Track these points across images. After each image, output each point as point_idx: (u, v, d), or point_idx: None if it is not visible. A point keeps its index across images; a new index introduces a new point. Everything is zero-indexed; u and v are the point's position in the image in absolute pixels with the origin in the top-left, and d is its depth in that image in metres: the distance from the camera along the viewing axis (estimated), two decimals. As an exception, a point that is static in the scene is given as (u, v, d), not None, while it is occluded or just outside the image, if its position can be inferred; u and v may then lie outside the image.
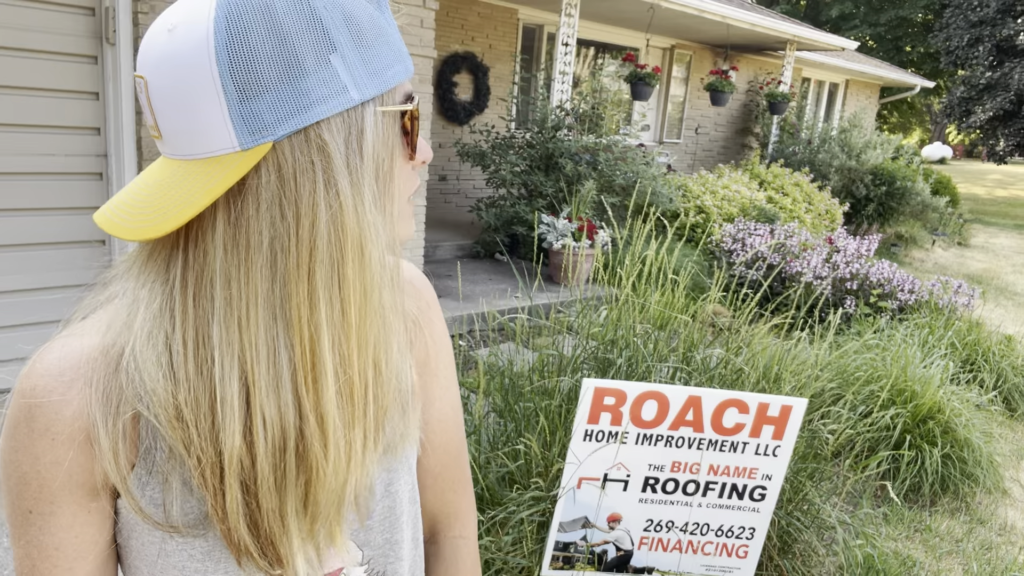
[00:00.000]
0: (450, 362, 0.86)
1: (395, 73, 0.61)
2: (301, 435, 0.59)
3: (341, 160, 0.56)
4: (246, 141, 0.54)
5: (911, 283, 5.67)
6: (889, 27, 22.87)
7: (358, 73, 0.57)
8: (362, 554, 0.74)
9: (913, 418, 3.52)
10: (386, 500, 0.74)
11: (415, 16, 4.46)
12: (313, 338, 0.57)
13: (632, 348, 2.57)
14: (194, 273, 0.56)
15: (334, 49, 0.56)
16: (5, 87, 3.09)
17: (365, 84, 0.57)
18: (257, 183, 0.55)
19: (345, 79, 0.56)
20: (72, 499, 0.60)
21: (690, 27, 9.20)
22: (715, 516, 2.36)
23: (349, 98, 0.56)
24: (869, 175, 10.15)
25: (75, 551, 0.62)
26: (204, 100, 0.53)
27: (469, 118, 8.20)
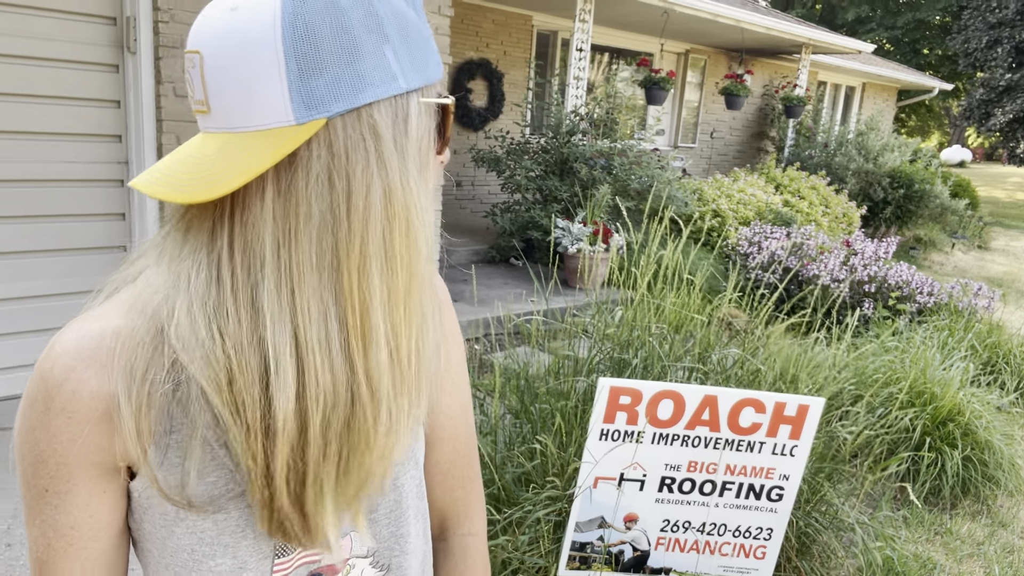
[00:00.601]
0: (461, 360, 0.88)
1: (433, 71, 0.65)
2: (353, 399, 0.60)
3: (391, 140, 0.60)
4: (302, 116, 0.57)
5: (930, 285, 5.62)
6: (906, 30, 22.72)
7: (405, 64, 0.61)
8: (367, 547, 0.74)
9: (933, 420, 3.49)
10: (392, 494, 0.74)
11: (430, 23, 4.49)
12: (365, 304, 0.59)
13: (648, 348, 2.57)
14: (241, 242, 0.58)
15: (387, 40, 0.60)
16: (29, 95, 3.15)
17: (410, 75, 0.62)
18: (308, 156, 0.57)
19: (395, 68, 0.60)
20: (88, 478, 0.61)
21: (704, 31, 9.20)
22: (732, 516, 2.36)
23: (398, 85, 0.60)
24: (887, 178, 10.08)
25: (90, 530, 0.63)
26: (265, 75, 0.56)
27: (484, 124, 8.24)
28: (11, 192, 3.16)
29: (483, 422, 2.56)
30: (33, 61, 3.13)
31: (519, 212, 6.57)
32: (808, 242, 6.43)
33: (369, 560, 0.75)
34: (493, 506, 2.28)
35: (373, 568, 0.75)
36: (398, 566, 0.77)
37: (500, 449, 2.40)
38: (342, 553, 0.72)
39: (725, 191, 7.98)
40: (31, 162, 3.19)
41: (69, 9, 3.20)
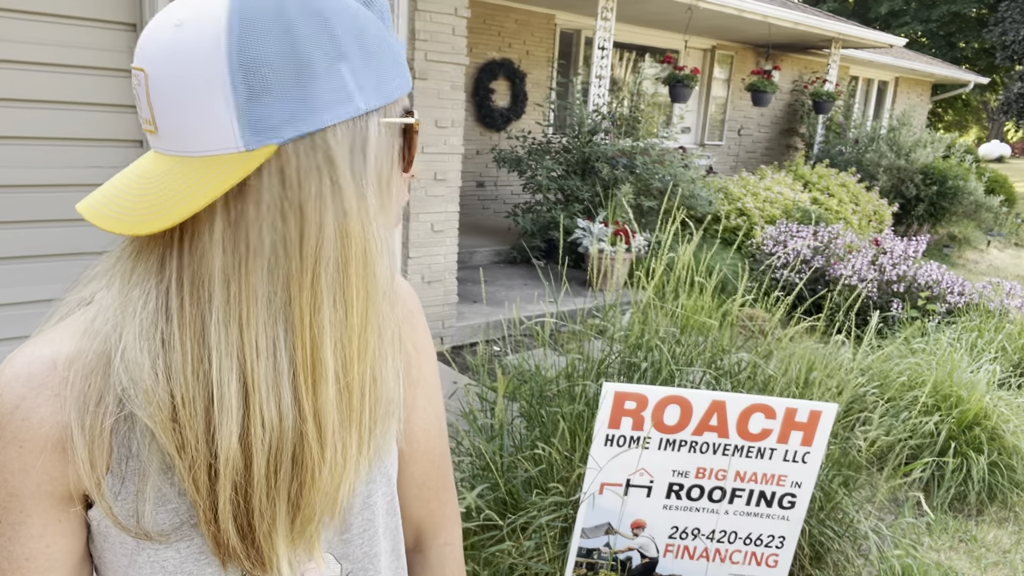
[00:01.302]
0: (433, 371, 0.86)
1: (397, 86, 0.61)
2: (300, 437, 0.58)
3: (346, 167, 0.57)
4: (250, 142, 0.53)
5: (960, 285, 5.48)
6: (941, 23, 22.22)
7: (364, 83, 0.57)
8: (341, 567, 0.73)
9: (958, 424, 3.40)
10: (365, 512, 0.73)
11: (446, 24, 4.49)
12: (316, 341, 0.57)
13: (657, 352, 2.53)
14: (190, 272, 0.56)
15: (343, 58, 0.56)
16: (50, 101, 3.20)
17: (370, 94, 0.58)
18: (259, 185, 0.54)
19: (352, 88, 0.56)
20: (42, 508, 0.60)
21: (730, 27, 9.08)
22: (743, 524, 2.31)
23: (355, 107, 0.57)
24: (919, 174, 9.86)
25: (47, 561, 0.61)
26: (210, 97, 0.53)
27: (506, 124, 8.22)
28: (34, 196, 3.22)
29: (490, 425, 2.55)
30: (53, 68, 3.19)
31: (540, 212, 6.54)
32: (835, 241, 6.31)
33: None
34: (498, 511, 2.26)
35: None
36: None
37: (507, 453, 2.39)
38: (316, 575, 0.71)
39: (751, 189, 7.87)
40: (51, 168, 3.25)
41: (88, 16, 3.25)
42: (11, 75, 3.09)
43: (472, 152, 7.99)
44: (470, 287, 5.72)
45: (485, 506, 2.22)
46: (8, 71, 3.08)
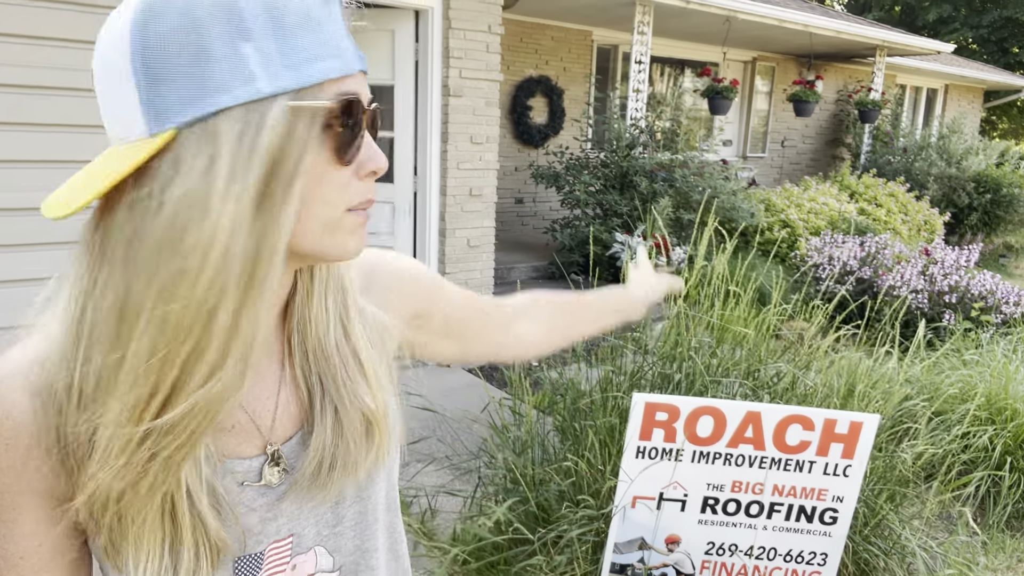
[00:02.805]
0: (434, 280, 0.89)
1: (323, 68, 0.57)
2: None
3: (229, 152, 0.53)
4: (153, 127, 0.53)
5: (1017, 295, 5.27)
6: (993, 28, 21.62)
7: (272, 63, 0.54)
8: (333, 560, 0.73)
9: (1015, 438, 3.25)
10: (357, 505, 0.73)
11: (480, 41, 4.53)
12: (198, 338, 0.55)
13: (691, 363, 2.48)
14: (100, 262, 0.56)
15: (248, 37, 0.53)
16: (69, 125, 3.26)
17: (279, 76, 0.54)
18: (156, 172, 0.53)
19: (255, 68, 0.53)
20: (34, 506, 0.60)
21: (771, 38, 8.97)
22: (783, 540, 2.24)
23: (255, 89, 0.53)
24: (971, 183, 9.56)
25: (40, 560, 0.61)
26: (122, 84, 0.53)
27: (544, 140, 8.24)
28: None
29: (518, 438, 2.52)
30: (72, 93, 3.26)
31: (578, 228, 6.51)
32: (884, 251, 6.14)
33: (335, 574, 0.73)
34: (529, 525, 2.23)
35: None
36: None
37: (537, 465, 2.35)
38: (306, 568, 0.71)
39: (795, 200, 7.72)
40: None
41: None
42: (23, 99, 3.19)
43: (510, 169, 8.01)
44: (508, 303, 5.70)
45: (516, 519, 2.19)
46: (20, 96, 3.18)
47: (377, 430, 0.70)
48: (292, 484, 0.67)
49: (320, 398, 0.69)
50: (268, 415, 0.68)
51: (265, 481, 0.66)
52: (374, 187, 0.65)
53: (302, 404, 0.70)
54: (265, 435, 0.67)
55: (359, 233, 0.64)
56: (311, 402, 0.69)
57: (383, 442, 0.71)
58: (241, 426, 0.66)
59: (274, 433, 0.68)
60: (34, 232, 3.10)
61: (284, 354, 0.70)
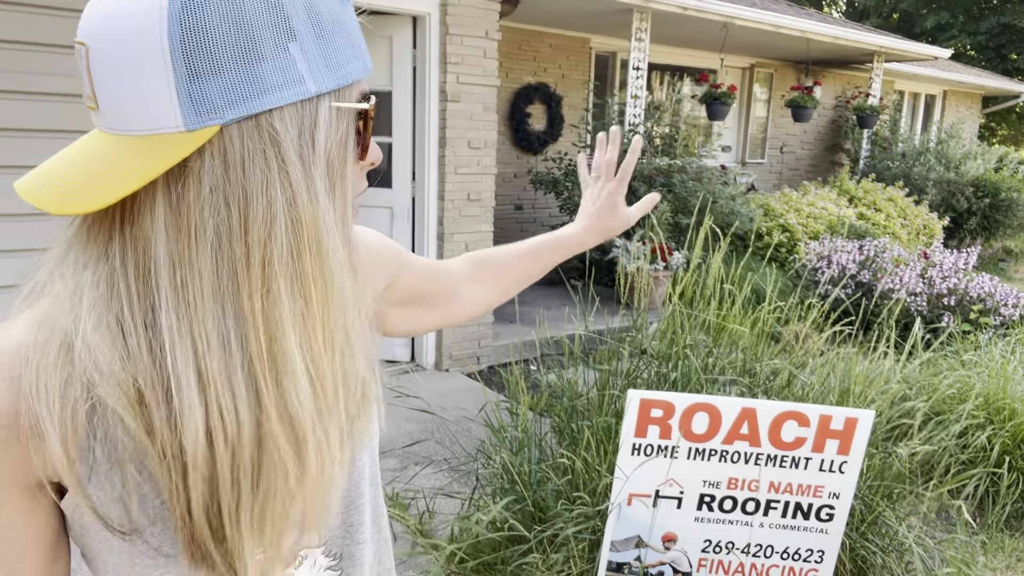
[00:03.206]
0: (400, 249, 0.93)
1: (353, 69, 0.59)
2: (264, 437, 0.55)
3: (294, 151, 0.54)
4: (192, 122, 0.52)
5: (1015, 297, 5.28)
6: (991, 35, 21.68)
7: (316, 65, 0.55)
8: (319, 535, 0.73)
9: (1013, 438, 3.25)
10: (343, 482, 0.72)
11: (477, 47, 4.55)
12: (272, 331, 0.54)
13: (686, 361, 2.48)
14: (134, 256, 0.54)
15: (294, 37, 0.54)
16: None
17: (323, 77, 0.56)
18: (200, 167, 0.52)
19: (302, 69, 0.54)
20: (12, 496, 0.58)
21: (768, 44, 9.00)
22: (779, 537, 2.24)
23: (305, 89, 0.54)
24: (970, 187, 9.57)
25: (17, 550, 0.60)
26: (150, 74, 0.51)
27: (543, 147, 8.26)
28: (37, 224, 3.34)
29: (515, 438, 2.52)
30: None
31: (577, 233, 6.52)
32: (883, 255, 6.15)
33: (321, 550, 0.73)
34: (524, 524, 2.23)
35: (326, 557, 0.74)
36: (350, 555, 0.75)
37: (533, 463, 2.36)
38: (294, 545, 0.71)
39: (794, 205, 7.73)
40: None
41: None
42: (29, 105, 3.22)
43: (509, 175, 8.03)
44: (507, 308, 5.71)
45: (512, 518, 2.19)
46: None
47: (366, 399, 0.69)
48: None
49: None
50: None
51: None
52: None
53: None
54: None
55: (354, 225, 0.68)
56: None
57: (370, 409, 0.70)
58: None
59: None
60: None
61: None
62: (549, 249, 1.13)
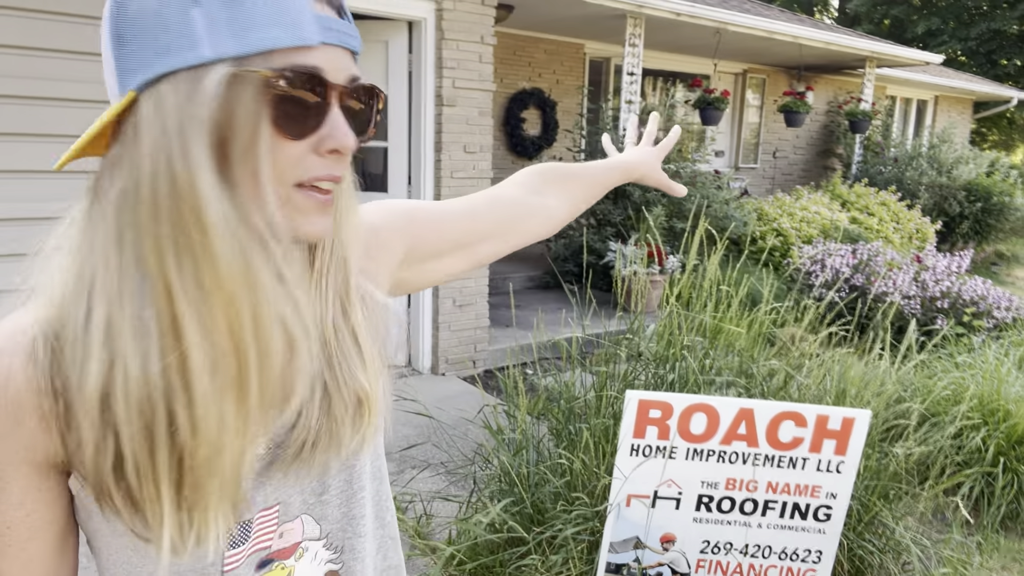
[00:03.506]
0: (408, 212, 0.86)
1: (267, 37, 0.55)
2: (168, 396, 0.56)
3: (175, 116, 0.54)
4: (122, 89, 0.56)
5: (1008, 300, 5.31)
6: (981, 40, 21.84)
7: (219, 30, 0.54)
8: (320, 528, 0.73)
9: (1007, 439, 3.27)
10: (342, 474, 0.73)
11: (473, 52, 4.57)
12: (169, 291, 0.55)
13: (684, 363, 2.49)
14: (84, 214, 0.59)
15: (198, 2, 0.54)
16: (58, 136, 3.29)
17: (223, 42, 0.54)
18: (121, 131, 0.57)
19: (200, 33, 0.54)
20: (21, 475, 0.59)
21: (761, 49, 9.05)
22: (777, 537, 2.24)
23: (199, 54, 0.54)
24: (962, 191, 9.63)
25: (28, 530, 0.61)
26: (105, 43, 0.58)
27: (538, 152, 8.28)
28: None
29: (514, 440, 2.53)
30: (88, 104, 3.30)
31: (572, 237, 6.55)
32: (876, 258, 6.18)
33: (322, 542, 0.73)
34: (523, 525, 2.23)
35: (327, 550, 0.74)
36: (351, 548, 0.75)
37: (531, 465, 2.36)
38: (293, 536, 0.71)
39: (787, 209, 7.77)
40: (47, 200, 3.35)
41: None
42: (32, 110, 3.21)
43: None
44: (503, 312, 5.72)
45: (511, 519, 2.19)
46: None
47: (368, 410, 0.70)
48: (276, 457, 0.67)
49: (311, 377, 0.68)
50: None
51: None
52: (342, 167, 0.62)
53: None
54: None
55: (313, 216, 0.61)
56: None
57: (372, 422, 0.71)
58: None
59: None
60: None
61: None
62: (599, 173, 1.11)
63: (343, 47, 0.60)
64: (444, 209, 0.90)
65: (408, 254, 0.84)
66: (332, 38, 0.59)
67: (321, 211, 0.61)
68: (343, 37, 0.60)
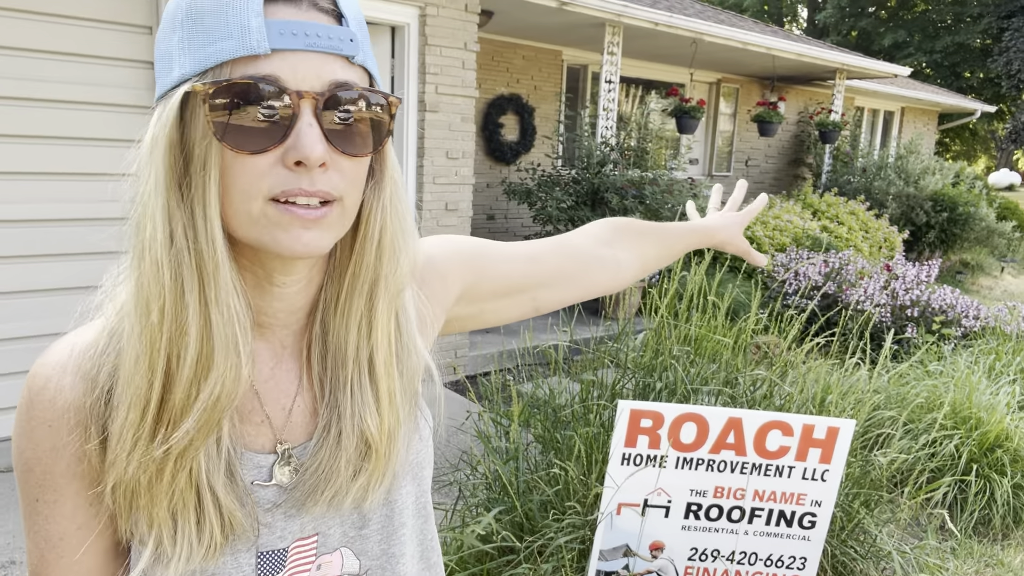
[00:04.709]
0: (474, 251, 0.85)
1: (217, 50, 0.55)
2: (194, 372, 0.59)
3: (148, 140, 0.58)
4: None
5: (976, 308, 5.44)
6: (946, 53, 22.40)
7: (184, 50, 0.57)
8: (359, 563, 0.72)
9: (980, 446, 3.35)
10: (383, 509, 0.72)
11: (456, 58, 4.58)
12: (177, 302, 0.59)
13: (672, 372, 2.52)
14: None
15: (177, 27, 0.58)
16: (86, 139, 3.26)
17: (185, 62, 0.56)
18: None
19: (175, 56, 0.58)
20: (74, 488, 0.60)
21: (735, 60, 9.19)
22: (763, 545, 2.28)
23: (172, 76, 0.58)
24: (929, 201, 9.86)
25: (79, 542, 0.62)
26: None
27: (516, 158, 8.30)
28: (41, 231, 3.28)
29: (504, 448, 2.54)
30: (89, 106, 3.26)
31: (551, 243, 6.56)
32: (847, 267, 6.30)
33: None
34: (515, 534, 2.24)
35: None
36: None
37: (522, 474, 2.37)
38: (332, 569, 0.70)
39: (760, 218, 7.88)
40: (58, 202, 3.30)
41: (124, 57, 3.34)
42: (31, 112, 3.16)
43: (482, 185, 8.06)
44: (482, 318, 5.72)
45: (502, 528, 2.20)
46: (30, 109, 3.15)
47: (375, 454, 0.67)
48: (299, 483, 0.66)
49: (327, 410, 0.67)
50: (283, 415, 0.67)
51: (276, 480, 0.65)
52: (320, 181, 0.57)
53: (315, 415, 0.68)
54: (277, 434, 0.67)
55: (293, 230, 0.57)
56: (319, 414, 0.68)
57: (379, 467, 0.67)
58: (256, 420, 0.66)
59: (286, 433, 0.67)
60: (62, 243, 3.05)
61: (304, 358, 0.69)
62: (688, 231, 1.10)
63: (325, 52, 0.57)
64: (508, 250, 0.88)
65: (467, 291, 0.83)
66: (297, 43, 0.55)
67: (305, 226, 0.57)
68: (320, 41, 0.56)
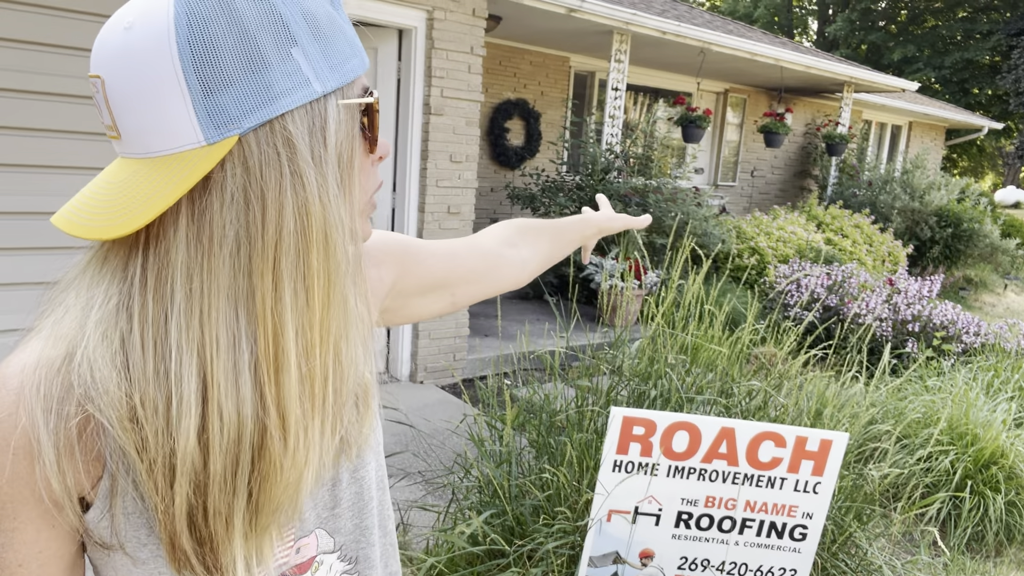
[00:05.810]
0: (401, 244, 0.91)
1: (353, 67, 0.62)
2: (262, 428, 0.58)
3: (306, 150, 0.57)
4: (211, 135, 0.54)
5: (976, 325, 5.43)
6: (954, 69, 22.39)
7: (319, 66, 0.58)
8: (334, 541, 0.74)
9: (975, 463, 3.35)
10: (353, 486, 0.74)
11: (462, 62, 4.59)
12: (277, 328, 0.57)
13: (667, 380, 2.53)
14: (155, 270, 0.56)
15: (295, 43, 0.56)
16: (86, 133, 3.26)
17: (327, 77, 0.59)
18: (223, 177, 0.55)
19: (307, 72, 0.57)
20: (35, 514, 0.59)
21: (743, 70, 9.20)
22: (754, 555, 2.28)
23: (312, 91, 0.57)
24: (933, 216, 9.85)
25: (39, 567, 0.61)
26: (167, 96, 0.53)
27: (520, 163, 8.32)
28: (19, 224, 3.28)
29: (497, 452, 2.54)
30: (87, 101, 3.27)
31: (553, 249, 6.57)
32: (850, 280, 6.29)
33: (336, 555, 0.75)
34: (505, 538, 2.24)
35: (341, 562, 0.75)
36: (364, 558, 0.77)
37: (515, 478, 2.37)
38: (309, 551, 0.72)
39: (764, 229, 7.88)
40: (31, 195, 3.31)
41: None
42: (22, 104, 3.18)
43: (487, 189, 8.08)
44: (483, 321, 5.73)
45: (492, 532, 2.20)
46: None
47: (368, 402, 0.71)
48: None
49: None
50: None
51: None
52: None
53: None
54: None
55: (368, 221, 0.70)
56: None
57: (371, 412, 0.72)
58: None
59: None
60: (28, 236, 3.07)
61: None
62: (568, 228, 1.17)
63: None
64: (430, 247, 0.94)
65: (395, 283, 0.88)
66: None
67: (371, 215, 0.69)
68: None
